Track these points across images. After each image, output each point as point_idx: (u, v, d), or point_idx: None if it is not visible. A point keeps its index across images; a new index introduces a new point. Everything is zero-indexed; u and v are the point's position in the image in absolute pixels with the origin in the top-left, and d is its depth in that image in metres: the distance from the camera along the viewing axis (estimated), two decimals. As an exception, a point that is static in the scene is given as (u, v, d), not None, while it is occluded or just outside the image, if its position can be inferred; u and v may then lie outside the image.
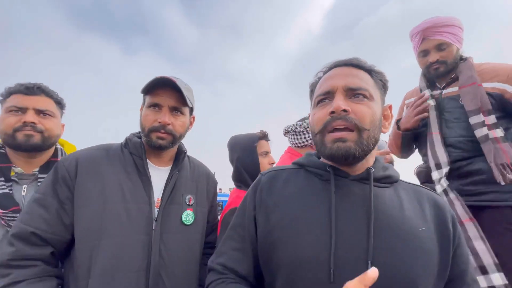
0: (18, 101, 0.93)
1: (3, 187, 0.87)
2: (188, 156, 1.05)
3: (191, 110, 0.97)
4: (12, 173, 0.92)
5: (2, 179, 0.89)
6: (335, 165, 0.61)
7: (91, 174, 0.78)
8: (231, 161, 1.30)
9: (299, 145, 1.44)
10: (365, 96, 0.57)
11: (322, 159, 0.67)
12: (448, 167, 1.24)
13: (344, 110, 0.55)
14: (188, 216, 0.89)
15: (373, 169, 0.59)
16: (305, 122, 1.42)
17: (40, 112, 0.96)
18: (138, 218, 0.79)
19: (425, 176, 1.38)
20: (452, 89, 1.28)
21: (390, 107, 0.66)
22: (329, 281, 0.50)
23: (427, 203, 0.60)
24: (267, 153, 1.33)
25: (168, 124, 0.86)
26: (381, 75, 0.63)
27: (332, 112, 0.56)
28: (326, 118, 0.57)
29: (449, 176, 1.26)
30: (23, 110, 0.93)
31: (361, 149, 0.56)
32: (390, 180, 0.62)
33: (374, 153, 0.64)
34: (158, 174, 0.90)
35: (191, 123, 1.00)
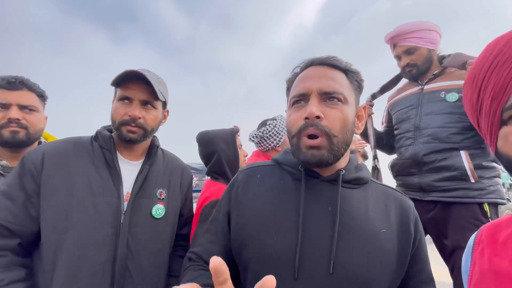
0: (1, 96, 0.95)
1: None
2: (163, 150, 1.06)
3: (165, 104, 0.97)
4: None
5: None
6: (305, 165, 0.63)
7: (57, 168, 0.79)
8: (207, 154, 1.32)
9: (263, 150, 1.57)
10: (339, 100, 0.58)
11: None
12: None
13: (318, 117, 0.56)
14: (158, 210, 0.91)
15: (343, 171, 0.61)
16: (268, 127, 1.51)
17: (24, 108, 0.99)
18: (106, 212, 0.80)
19: (398, 168, 1.43)
20: (434, 85, 1.36)
21: (364, 108, 0.67)
22: (294, 278, 0.53)
23: (393, 205, 0.62)
24: (241, 146, 1.41)
25: (139, 117, 0.87)
26: (357, 75, 0.63)
27: (307, 118, 0.57)
28: (300, 123, 0.59)
29: (421, 169, 1.30)
30: (6, 106, 0.96)
31: (333, 155, 0.58)
32: (360, 182, 0.63)
33: (347, 155, 0.66)
34: (129, 168, 0.91)
35: (164, 117, 1.01)
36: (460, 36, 31.21)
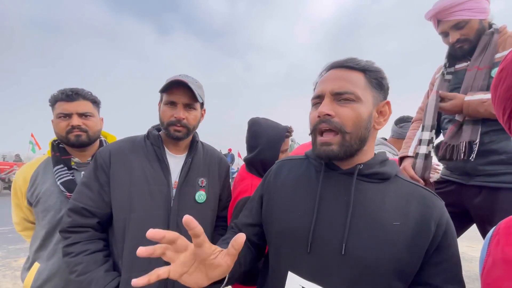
0: (64, 108, 1.16)
1: (67, 174, 1.14)
2: (202, 143, 1.21)
3: (202, 104, 1.11)
4: (72, 163, 1.18)
5: (66, 168, 1.16)
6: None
7: (121, 163, 0.98)
8: (250, 145, 1.33)
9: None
10: (350, 99, 0.63)
11: None
12: (432, 132, 1.33)
13: (328, 115, 0.63)
14: (200, 196, 1.06)
15: (362, 166, 0.66)
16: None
17: (82, 115, 1.19)
18: (159, 197, 0.98)
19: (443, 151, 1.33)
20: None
21: (387, 103, 0.69)
22: (307, 252, 0.62)
23: (416, 201, 0.62)
24: (286, 150, 1.37)
25: (183, 118, 1.01)
26: (376, 73, 0.66)
27: (319, 116, 0.64)
28: (315, 120, 0.66)
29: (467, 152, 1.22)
30: (69, 115, 1.17)
31: (344, 151, 0.63)
32: (380, 177, 0.66)
33: (370, 150, 0.69)
34: (175, 161, 1.07)
35: (202, 115, 1.14)
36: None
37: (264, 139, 1.29)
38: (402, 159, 1.45)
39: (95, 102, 1.26)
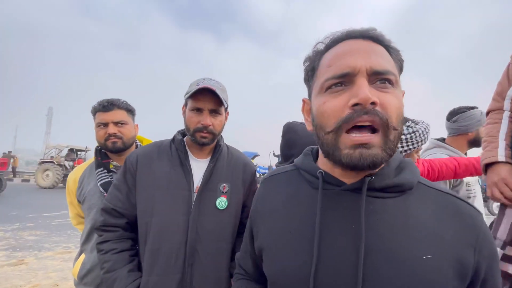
0: (101, 118, 1.28)
1: (106, 176, 1.25)
2: (228, 146, 1.19)
3: (226, 107, 1.09)
4: (111, 166, 1.30)
5: (105, 171, 1.27)
6: (325, 169, 0.53)
7: (146, 167, 1.03)
8: (286, 155, 1.22)
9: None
10: (391, 82, 0.45)
11: (318, 160, 0.58)
12: None
13: (373, 103, 0.43)
14: (221, 202, 1.03)
15: (372, 178, 0.48)
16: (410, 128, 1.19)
17: (117, 123, 1.29)
18: (179, 202, 0.98)
19: None
20: None
21: (403, 94, 0.52)
22: None
23: (449, 220, 0.46)
24: None
25: (209, 125, 1.01)
26: (399, 52, 0.50)
27: (356, 105, 0.43)
28: (345, 112, 0.44)
29: None
30: (106, 124, 1.28)
31: (389, 156, 0.45)
32: (400, 189, 0.48)
33: None
34: (198, 165, 1.07)
35: (226, 118, 1.12)
36: None
37: (299, 149, 1.17)
38: (487, 166, 1.09)
39: (129, 111, 1.36)
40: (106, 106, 1.27)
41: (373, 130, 0.44)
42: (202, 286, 0.95)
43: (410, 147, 1.17)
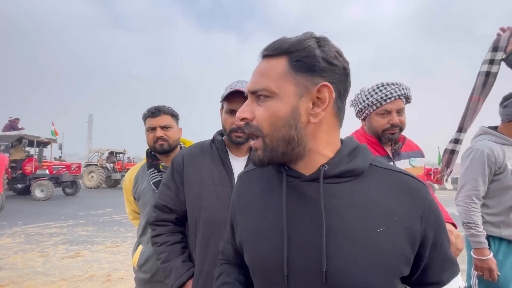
0: (150, 123, 1.42)
1: (157, 176, 1.39)
2: None
3: None
4: (160, 166, 1.43)
5: (156, 171, 1.41)
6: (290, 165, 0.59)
7: (192, 166, 1.12)
8: None
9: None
10: (265, 95, 0.53)
11: None
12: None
13: (245, 118, 0.55)
14: (261, 197, 1.11)
15: (326, 167, 0.53)
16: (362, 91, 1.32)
17: (163, 128, 1.42)
18: (224, 198, 1.06)
19: None
20: None
21: (324, 86, 0.51)
22: (285, 286, 0.52)
23: (398, 194, 0.52)
24: None
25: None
26: (300, 52, 0.51)
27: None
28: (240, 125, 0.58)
29: None
30: (154, 129, 1.42)
31: (267, 156, 0.54)
32: (353, 173, 0.54)
33: (323, 148, 0.56)
34: (238, 163, 1.15)
35: None
36: None
37: None
38: None
39: (174, 116, 1.49)
40: (154, 112, 1.42)
41: (257, 137, 0.54)
42: None
43: (360, 106, 1.29)
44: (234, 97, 1.07)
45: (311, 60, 0.51)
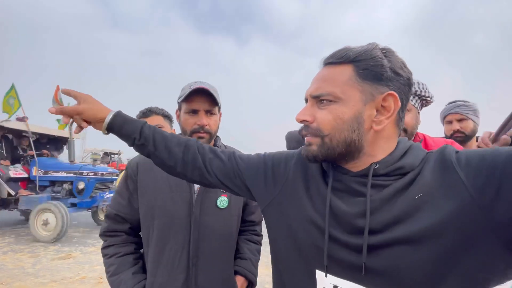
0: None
1: None
2: (225, 146, 1.19)
3: (219, 108, 1.10)
4: None
5: None
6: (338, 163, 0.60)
7: (147, 172, 1.05)
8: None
9: None
10: (329, 100, 0.55)
11: None
12: None
13: (305, 120, 0.58)
14: (222, 201, 1.05)
15: (377, 165, 0.54)
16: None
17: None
18: (181, 204, 1.00)
19: None
20: None
21: (390, 95, 0.53)
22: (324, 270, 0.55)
23: (440, 171, 0.49)
24: None
25: (206, 125, 1.03)
26: (368, 61, 0.54)
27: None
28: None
29: None
30: None
31: (322, 152, 0.57)
32: (402, 171, 0.52)
33: (378, 152, 0.56)
34: None
35: (219, 118, 1.13)
36: None
37: (294, 142, 1.22)
38: None
39: (166, 116, 1.53)
40: (145, 112, 1.49)
41: (315, 135, 0.57)
42: (207, 284, 0.98)
43: (421, 96, 1.17)
44: (196, 97, 1.02)
45: (379, 69, 0.53)
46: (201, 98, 1.01)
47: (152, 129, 0.76)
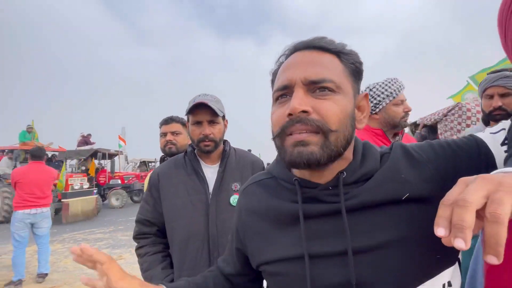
0: (163, 129, 1.69)
1: None
2: (235, 149, 1.30)
3: (223, 116, 1.21)
4: None
5: None
6: (299, 175, 0.54)
7: (166, 180, 1.19)
8: None
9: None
10: (330, 89, 0.47)
11: None
12: None
13: (304, 111, 0.45)
14: (234, 199, 1.15)
15: (344, 174, 0.49)
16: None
17: (173, 133, 1.68)
18: (198, 204, 1.13)
19: None
20: None
21: (366, 96, 0.53)
22: None
23: (407, 167, 0.50)
24: None
25: (209, 134, 1.15)
26: (353, 56, 0.51)
27: (290, 114, 0.46)
28: (284, 120, 0.47)
29: None
30: (165, 134, 1.70)
31: (327, 154, 0.46)
32: (368, 176, 0.50)
33: (347, 155, 0.52)
34: (210, 171, 1.20)
35: (225, 126, 1.24)
36: None
37: None
38: None
39: (183, 123, 1.74)
40: (167, 120, 1.72)
41: (314, 133, 0.46)
42: None
43: (375, 101, 1.38)
44: (198, 110, 1.13)
45: (359, 66, 0.51)
46: (203, 110, 1.13)
47: None
